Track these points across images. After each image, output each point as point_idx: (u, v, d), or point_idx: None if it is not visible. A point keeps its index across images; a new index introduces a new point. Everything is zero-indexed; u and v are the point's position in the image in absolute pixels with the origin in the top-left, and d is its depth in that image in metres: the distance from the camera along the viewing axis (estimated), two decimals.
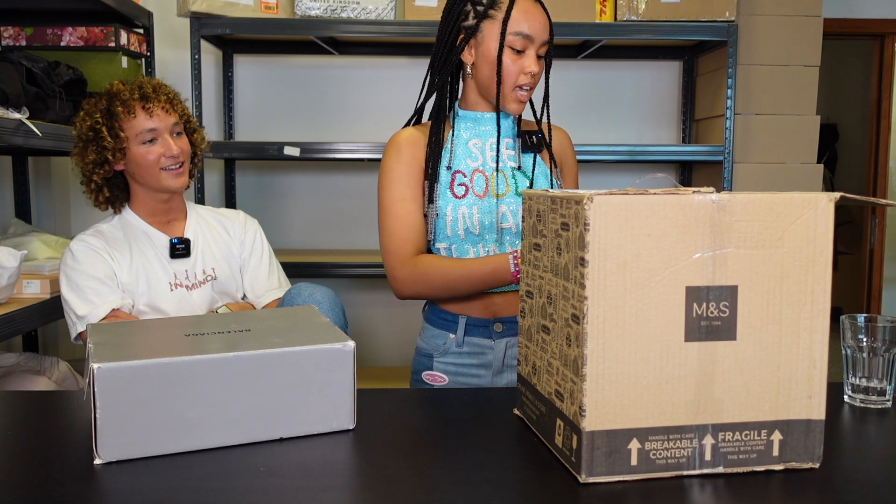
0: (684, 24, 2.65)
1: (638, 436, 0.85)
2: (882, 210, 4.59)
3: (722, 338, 0.86)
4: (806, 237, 0.86)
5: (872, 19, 3.64)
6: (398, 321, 3.20)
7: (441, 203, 1.47)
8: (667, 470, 0.86)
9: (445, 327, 1.52)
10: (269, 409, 0.97)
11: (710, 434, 0.87)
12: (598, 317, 0.83)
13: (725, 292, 0.85)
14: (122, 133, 1.62)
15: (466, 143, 1.51)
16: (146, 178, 1.66)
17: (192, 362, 0.93)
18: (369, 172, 3.13)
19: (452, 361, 1.52)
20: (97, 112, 1.65)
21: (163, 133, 1.65)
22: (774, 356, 0.87)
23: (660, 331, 0.85)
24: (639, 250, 0.83)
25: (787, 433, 0.88)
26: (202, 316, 1.60)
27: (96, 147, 1.63)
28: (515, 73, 1.43)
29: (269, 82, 3.09)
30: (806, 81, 2.79)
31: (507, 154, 1.52)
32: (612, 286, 0.83)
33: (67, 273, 1.62)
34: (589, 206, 0.82)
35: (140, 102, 1.64)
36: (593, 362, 0.84)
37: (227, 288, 1.75)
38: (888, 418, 1.08)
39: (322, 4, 2.60)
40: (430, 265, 1.43)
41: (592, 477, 0.85)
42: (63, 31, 2.37)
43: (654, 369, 0.85)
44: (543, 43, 1.44)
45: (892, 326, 1.10)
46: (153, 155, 1.64)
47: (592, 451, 0.85)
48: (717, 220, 0.84)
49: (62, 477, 0.88)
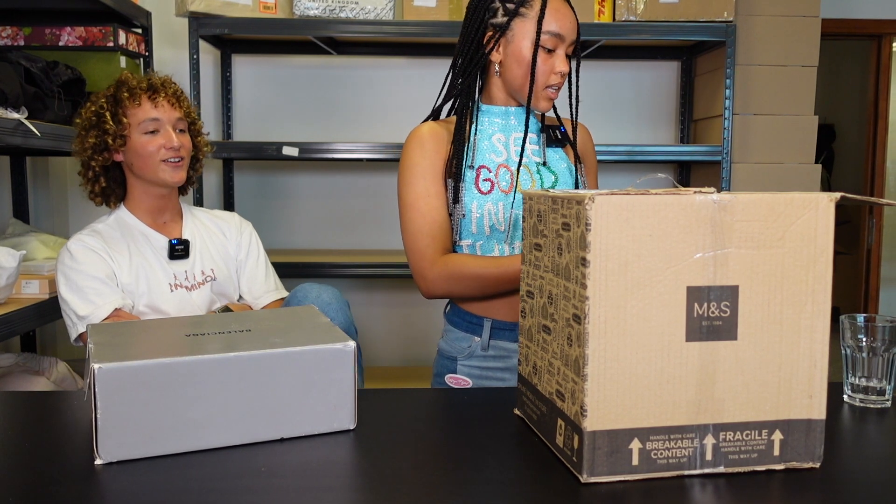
0: (683, 25, 2.66)
1: (639, 436, 0.86)
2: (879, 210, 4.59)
3: (723, 338, 0.86)
4: (807, 237, 0.86)
5: (870, 20, 3.64)
6: (396, 321, 3.20)
7: (466, 199, 1.43)
8: (668, 470, 0.86)
9: (470, 330, 1.49)
10: (270, 410, 0.97)
11: (711, 434, 0.87)
12: (599, 317, 0.83)
13: (726, 292, 0.85)
14: (124, 119, 1.62)
15: (490, 137, 1.48)
16: (144, 170, 1.65)
17: (193, 362, 0.93)
18: (368, 172, 3.13)
19: (477, 364, 1.49)
20: (102, 98, 1.66)
21: (165, 125, 1.65)
22: (775, 356, 0.87)
23: (661, 331, 0.85)
24: (640, 250, 0.83)
25: (787, 433, 0.88)
26: (202, 316, 1.60)
27: (97, 131, 1.63)
28: (547, 72, 1.41)
29: (267, 82, 3.09)
30: (804, 82, 2.79)
31: (530, 149, 1.50)
32: (613, 286, 0.83)
33: (66, 273, 1.60)
34: (590, 206, 0.82)
35: (147, 92, 1.65)
36: (595, 362, 0.84)
37: (225, 289, 1.75)
38: (888, 418, 1.09)
39: (320, 4, 2.60)
40: (463, 265, 1.40)
41: (594, 477, 0.85)
42: (61, 30, 2.37)
43: (655, 369, 0.85)
44: (572, 42, 1.44)
45: (891, 326, 1.10)
46: (153, 145, 1.63)
47: (594, 451, 0.85)
48: (719, 220, 0.84)
49: (63, 477, 0.88)
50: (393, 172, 3.12)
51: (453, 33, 2.67)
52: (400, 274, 2.82)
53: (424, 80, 3.08)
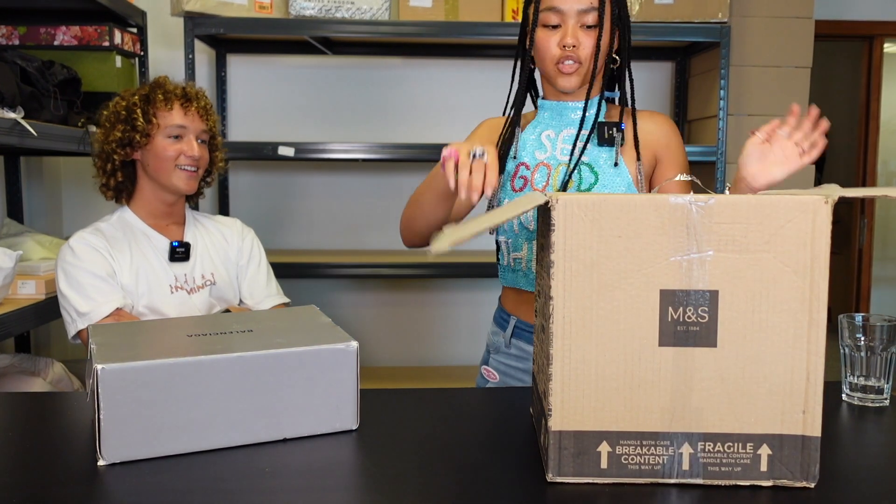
0: (677, 26, 2.66)
1: (608, 439, 0.84)
2: (870, 210, 4.62)
3: (700, 344, 0.83)
4: (798, 241, 0.81)
5: (861, 21, 3.67)
6: (393, 322, 3.20)
7: (501, 195, 1.43)
8: (640, 476, 0.84)
9: (501, 325, 1.50)
10: (273, 410, 0.97)
11: (689, 443, 0.84)
12: (563, 317, 0.82)
13: (705, 297, 0.82)
14: (154, 119, 1.65)
15: (540, 134, 1.45)
16: (159, 173, 1.67)
17: (196, 363, 0.93)
18: (364, 172, 3.13)
19: (503, 361, 1.50)
20: (136, 95, 1.68)
21: (190, 134, 1.68)
22: (760, 366, 0.82)
23: (631, 334, 0.83)
24: (609, 251, 0.82)
25: (776, 448, 0.83)
26: (204, 316, 1.60)
27: (126, 126, 1.65)
28: (550, 49, 1.35)
29: (262, 82, 3.08)
30: (798, 82, 2.81)
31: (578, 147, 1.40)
32: (578, 287, 0.82)
33: (66, 269, 1.60)
34: (554, 206, 0.82)
35: (180, 100, 1.67)
36: (559, 362, 0.83)
37: (224, 294, 1.75)
38: (886, 416, 1.10)
39: (316, 4, 2.60)
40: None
41: (560, 477, 0.84)
42: (56, 30, 2.36)
43: (624, 373, 0.83)
44: (579, 13, 1.33)
45: (889, 326, 1.11)
46: (173, 150, 1.66)
47: (560, 451, 0.84)
48: (696, 222, 0.81)
49: (66, 479, 0.88)
50: (388, 172, 3.12)
51: (449, 33, 2.68)
52: (397, 274, 2.82)
53: (420, 80, 3.08)
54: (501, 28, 2.65)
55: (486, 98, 3.08)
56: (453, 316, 3.20)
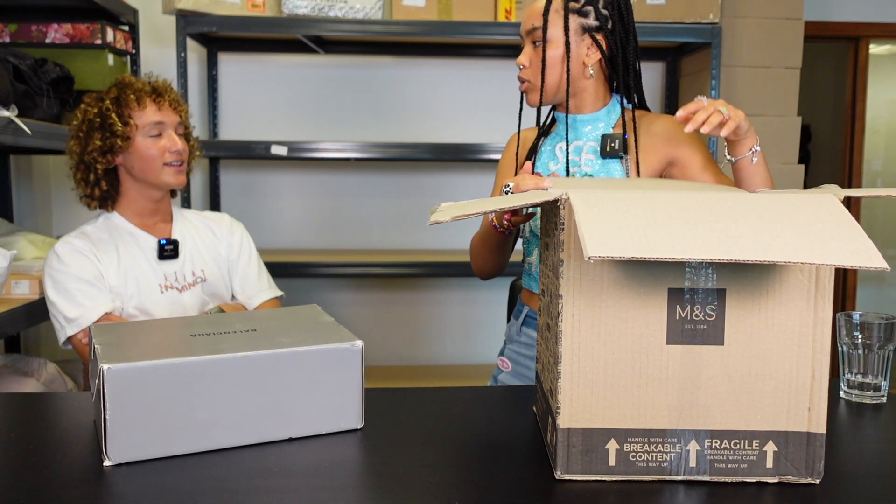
0: (668, 26, 2.68)
1: (616, 436, 0.85)
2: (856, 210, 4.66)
3: (708, 342, 0.83)
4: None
5: (847, 22, 3.70)
6: (385, 321, 3.20)
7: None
8: (648, 473, 0.85)
9: (516, 315, 1.59)
10: (279, 409, 0.97)
11: (696, 440, 0.85)
12: (572, 315, 0.83)
13: (712, 295, 0.83)
14: (131, 121, 1.62)
15: (555, 146, 1.49)
16: (146, 173, 1.64)
17: (202, 362, 0.93)
18: (356, 172, 3.13)
19: (515, 350, 1.58)
20: (106, 99, 1.64)
21: (168, 129, 1.66)
22: (766, 364, 0.83)
23: (639, 332, 0.83)
24: None
25: (782, 445, 0.84)
26: (206, 316, 1.59)
27: (104, 133, 1.61)
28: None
29: (254, 81, 3.07)
30: (787, 83, 2.84)
31: (585, 159, 1.44)
32: (588, 285, 0.83)
33: (53, 276, 1.58)
34: (564, 204, 0.82)
35: (152, 95, 1.65)
36: (568, 360, 0.84)
37: (216, 290, 1.74)
38: (884, 413, 1.11)
39: (309, 3, 2.59)
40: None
41: (568, 474, 0.85)
42: (48, 27, 2.34)
43: (632, 371, 0.84)
44: (528, 33, 1.42)
45: (886, 324, 1.13)
46: (157, 148, 1.63)
47: (568, 449, 0.85)
48: None
49: (71, 479, 0.87)
50: (381, 171, 3.12)
51: (442, 33, 2.68)
52: (387, 273, 2.82)
53: (413, 79, 3.08)
54: (494, 28, 2.66)
55: (478, 97, 3.08)
56: (449, 315, 3.21)
